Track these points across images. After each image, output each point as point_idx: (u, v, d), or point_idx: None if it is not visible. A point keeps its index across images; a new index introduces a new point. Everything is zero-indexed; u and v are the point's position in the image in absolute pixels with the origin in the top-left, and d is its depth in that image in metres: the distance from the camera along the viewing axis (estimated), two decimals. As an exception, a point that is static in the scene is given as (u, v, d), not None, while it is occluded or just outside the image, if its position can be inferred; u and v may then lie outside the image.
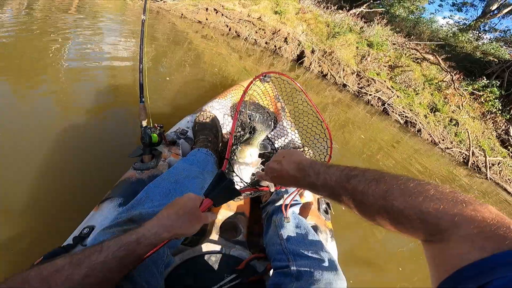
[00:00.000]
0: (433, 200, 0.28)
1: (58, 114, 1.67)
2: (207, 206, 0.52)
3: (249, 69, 4.84)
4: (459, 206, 0.27)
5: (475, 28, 11.14)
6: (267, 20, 6.22)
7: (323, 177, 0.42)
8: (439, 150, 5.17)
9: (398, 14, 10.84)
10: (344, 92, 5.60)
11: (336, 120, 4.20)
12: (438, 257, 0.27)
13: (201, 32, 6.08)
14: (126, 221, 0.58)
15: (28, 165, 1.21)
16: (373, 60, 5.73)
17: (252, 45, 6.25)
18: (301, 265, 0.65)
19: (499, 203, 4.15)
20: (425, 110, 5.51)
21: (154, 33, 4.59)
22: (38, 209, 1.06)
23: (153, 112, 1.92)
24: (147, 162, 0.93)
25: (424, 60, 6.12)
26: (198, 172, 0.82)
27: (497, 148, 5.75)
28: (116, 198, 0.77)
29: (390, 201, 0.31)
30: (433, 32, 10.49)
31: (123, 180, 0.85)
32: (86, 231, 0.66)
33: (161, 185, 0.71)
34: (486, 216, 0.25)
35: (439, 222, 0.27)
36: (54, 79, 2.05)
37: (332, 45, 5.78)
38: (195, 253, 0.73)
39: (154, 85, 2.43)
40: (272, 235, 0.79)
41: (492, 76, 6.63)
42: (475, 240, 0.24)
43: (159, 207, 0.62)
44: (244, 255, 0.77)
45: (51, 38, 2.79)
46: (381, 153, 3.62)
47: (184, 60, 3.58)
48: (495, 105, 6.02)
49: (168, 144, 1.05)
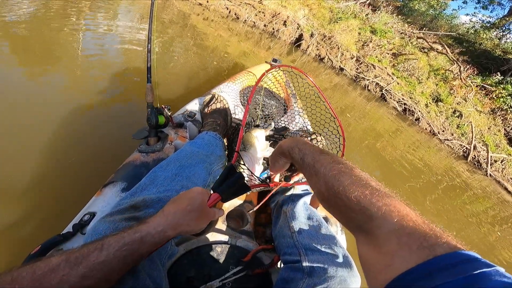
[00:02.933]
0: (373, 189, 0.30)
1: (65, 94, 1.62)
2: (215, 201, 0.49)
3: (248, 52, 4.82)
4: (386, 199, 0.28)
5: (499, 26, 10.46)
6: (268, 3, 6.16)
7: (302, 147, 0.46)
8: (438, 142, 4.89)
9: (418, 8, 10.37)
10: (341, 76, 5.44)
11: (335, 105, 4.10)
12: (371, 257, 0.28)
13: (202, 15, 6.13)
14: (128, 207, 0.54)
15: (32, 146, 1.18)
16: (375, 47, 5.51)
17: (250, 27, 6.21)
18: (313, 260, 0.61)
19: (500, 203, 3.85)
20: (427, 99, 5.23)
21: (160, 17, 4.70)
22: (40, 193, 1.02)
23: (160, 94, 1.92)
24: (152, 144, 0.88)
25: (431, 50, 5.80)
26: (206, 156, 0.77)
27: (503, 145, 5.37)
28: (119, 183, 0.73)
29: (341, 182, 0.33)
30: (452, 28, 9.94)
31: (127, 163, 0.81)
32: (87, 218, 0.63)
33: (167, 169, 0.67)
34: (409, 215, 0.26)
35: (372, 209, 0.28)
36: (65, 60, 2.06)
37: (333, 29, 5.62)
38: (200, 243, 0.70)
39: (162, 67, 2.42)
40: (282, 227, 0.75)
41: (507, 73, 6.26)
42: (401, 237, 0.24)
43: (165, 192, 0.59)
44: (251, 246, 0.74)
45: (66, 22, 2.87)
46: (378, 143, 3.48)
47: (190, 43, 3.61)
48: (507, 102, 5.68)
49: (175, 126, 1.01)
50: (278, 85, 1.40)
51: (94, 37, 2.65)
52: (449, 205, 2.87)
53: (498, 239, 2.65)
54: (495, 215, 3.31)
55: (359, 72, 5.26)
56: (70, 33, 2.53)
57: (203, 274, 0.65)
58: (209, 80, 2.54)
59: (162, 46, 3.06)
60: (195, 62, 2.95)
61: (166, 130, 0.97)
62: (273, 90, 1.44)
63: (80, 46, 2.37)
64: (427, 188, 2.95)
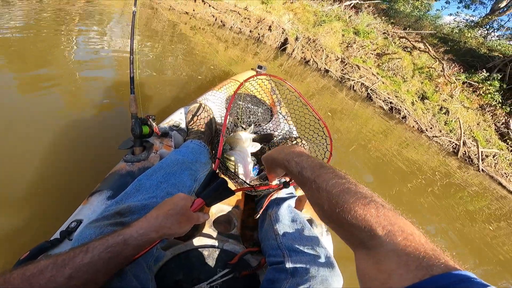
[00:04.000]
0: (378, 207, 0.30)
1: (51, 107, 1.63)
2: (199, 206, 0.51)
3: (236, 59, 4.86)
4: (391, 218, 0.29)
5: (482, 25, 10.74)
6: (253, 9, 6.25)
7: (300, 159, 0.46)
8: (427, 139, 4.90)
9: (403, 10, 10.61)
10: (327, 78, 5.48)
11: (325, 108, 4.12)
12: (369, 272, 0.28)
13: (189, 23, 6.21)
14: (113, 214, 0.56)
15: (19, 158, 1.20)
16: (359, 48, 5.59)
17: (237, 34, 6.29)
18: (296, 261, 0.64)
19: (495, 200, 3.83)
20: (413, 97, 5.27)
21: (148, 26, 4.74)
22: (27, 203, 1.05)
23: (147, 103, 1.93)
24: (138, 154, 0.90)
25: (414, 49, 5.90)
26: (191, 163, 0.80)
27: (494, 140, 5.40)
28: (105, 191, 0.75)
29: (344, 202, 0.33)
30: (436, 28, 10.15)
31: (113, 173, 0.83)
32: (74, 225, 0.65)
33: (152, 177, 0.69)
34: (413, 234, 0.27)
35: (376, 228, 0.28)
36: (55, 72, 2.07)
37: (317, 32, 5.70)
38: (187, 247, 0.72)
39: (149, 77, 2.43)
40: (267, 230, 0.77)
41: (493, 69, 6.38)
42: (401, 256, 0.25)
43: (150, 199, 0.61)
44: (238, 249, 0.76)
45: (58, 33, 2.90)
46: (370, 144, 3.47)
47: (176, 52, 3.62)
48: (494, 97, 5.78)
49: (160, 135, 1.02)
50: (263, 92, 1.44)
51: (84, 49, 2.68)
52: (445, 204, 2.84)
53: (498, 235, 2.62)
54: (493, 212, 3.28)
55: (344, 73, 5.31)
56: (59, 44, 2.56)
57: (191, 277, 0.66)
58: (198, 88, 2.54)
59: (149, 56, 3.06)
60: (183, 71, 2.95)
61: (151, 140, 0.99)
62: (259, 96, 1.47)
63: (70, 57, 2.38)
64: (422, 188, 2.92)
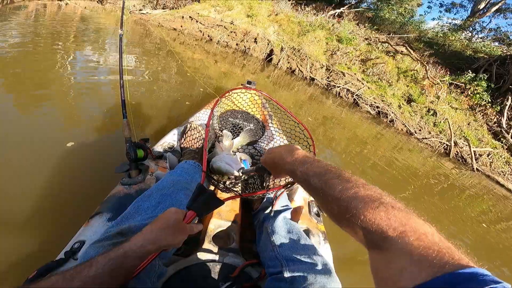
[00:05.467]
0: (388, 209, 0.30)
1: (53, 131, 1.71)
2: (191, 218, 0.55)
3: (225, 71, 4.94)
4: (402, 218, 0.29)
5: (465, 28, 11.05)
6: (239, 23, 6.42)
7: (307, 163, 0.47)
8: (417, 141, 4.90)
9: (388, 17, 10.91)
10: (313, 86, 5.54)
11: (316, 117, 4.15)
12: (381, 271, 0.29)
13: (178, 39, 6.36)
14: (115, 234, 0.60)
15: (21, 183, 1.28)
16: (343, 55, 5.70)
17: (224, 47, 6.42)
18: (294, 270, 0.66)
19: (497, 200, 3.78)
20: (399, 101, 5.32)
21: (141, 45, 4.85)
22: (30, 226, 1.12)
23: (140, 126, 1.99)
24: (134, 177, 0.94)
25: (397, 53, 6.02)
26: (186, 183, 0.83)
27: (487, 139, 5.41)
28: (105, 213, 0.79)
29: (355, 205, 0.33)
30: (421, 33, 10.41)
31: (111, 196, 0.87)
32: (77, 245, 0.69)
33: (150, 199, 0.73)
34: (426, 233, 0.27)
35: (387, 230, 0.29)
36: (52, 95, 2.15)
37: (301, 42, 5.82)
38: (188, 262, 0.74)
39: (141, 98, 2.46)
40: (265, 242, 0.80)
41: (479, 70, 6.49)
42: (413, 255, 0.25)
43: (149, 219, 0.64)
44: (238, 262, 0.78)
45: (54, 51, 3.00)
46: (365, 151, 3.50)
47: (171, 71, 3.69)
48: (483, 97, 5.83)
49: (155, 158, 1.06)
50: (255, 107, 1.45)
51: (81, 72, 2.73)
52: (446, 207, 2.80)
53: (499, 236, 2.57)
54: (495, 212, 3.24)
55: (330, 81, 5.38)
56: (55, 65, 2.62)
57: None
58: (192, 106, 2.55)
59: (142, 76, 3.10)
60: (176, 90, 2.97)
61: (146, 162, 1.02)
62: (251, 112, 1.47)
63: (67, 78, 2.44)
64: (420, 194, 2.90)
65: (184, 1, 7.97)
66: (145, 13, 7.41)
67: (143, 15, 7.38)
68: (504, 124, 5.70)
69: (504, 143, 5.41)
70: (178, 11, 7.07)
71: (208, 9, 6.91)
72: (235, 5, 6.82)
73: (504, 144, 5.40)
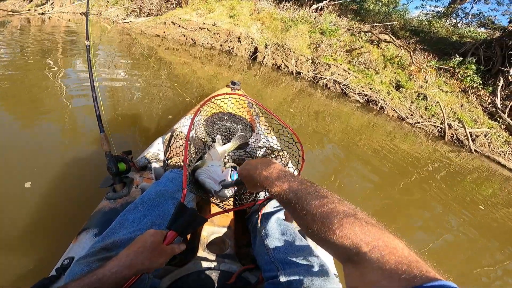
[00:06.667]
0: (362, 225, 0.31)
1: (40, 147, 1.70)
2: (173, 239, 0.53)
3: (213, 74, 4.89)
4: (375, 233, 0.30)
5: (448, 14, 11.13)
6: (221, 24, 6.39)
7: (283, 180, 0.46)
8: (410, 126, 4.83)
9: (372, 8, 10.98)
10: (300, 80, 5.49)
11: (308, 110, 4.10)
12: (356, 285, 0.30)
13: (163, 45, 6.31)
14: (99, 250, 0.59)
15: (9, 204, 1.29)
16: (327, 46, 5.66)
17: (208, 49, 6.38)
18: (290, 273, 0.64)
19: (504, 181, 3.68)
20: (388, 87, 5.27)
21: (120, 52, 4.81)
22: (24, 245, 1.14)
23: (122, 139, 1.96)
24: (119, 191, 0.93)
25: (381, 41, 5.99)
26: (173, 193, 0.81)
27: (482, 120, 5.34)
28: (91, 229, 0.80)
29: (328, 220, 0.34)
30: (406, 22, 10.45)
31: (97, 211, 0.88)
32: (67, 262, 0.69)
33: (135, 211, 0.71)
34: (397, 248, 0.28)
35: (361, 245, 0.30)
36: (39, 109, 2.14)
37: (285, 37, 5.79)
38: (184, 272, 0.72)
39: (122, 110, 2.42)
40: (259, 246, 0.78)
41: (467, 54, 6.50)
42: (385, 269, 0.26)
43: (135, 232, 0.63)
44: (235, 268, 0.77)
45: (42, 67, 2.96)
46: (360, 142, 3.42)
47: (158, 78, 3.62)
48: (474, 79, 5.83)
49: (138, 170, 1.04)
50: (241, 108, 1.42)
51: (68, 83, 2.72)
52: (452, 193, 2.73)
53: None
54: (501, 195, 3.15)
55: (316, 73, 5.33)
56: (43, 80, 2.61)
57: None
58: (175, 114, 2.49)
59: (123, 88, 3.03)
60: (159, 99, 2.90)
61: (131, 175, 1.00)
62: (237, 114, 1.45)
63: (57, 93, 2.44)
64: (422, 181, 2.82)
65: (167, 8, 7.96)
66: (128, 22, 7.39)
67: (125, 24, 7.36)
68: (499, 104, 5.65)
69: (501, 122, 5.34)
70: (160, 18, 7.05)
71: (190, 13, 6.89)
72: (216, 7, 6.81)
73: (502, 124, 5.33)
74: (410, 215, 2.19)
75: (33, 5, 9.24)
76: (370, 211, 2.11)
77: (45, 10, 8.77)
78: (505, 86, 5.88)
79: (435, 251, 1.80)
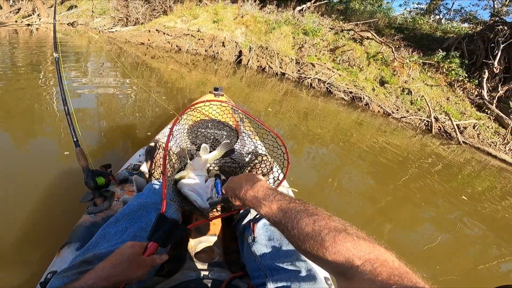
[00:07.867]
0: (354, 240, 0.32)
1: (21, 163, 1.71)
2: (154, 250, 0.54)
3: (201, 80, 4.88)
4: (366, 247, 0.31)
5: (431, 11, 11.39)
6: (205, 30, 6.42)
7: (272, 198, 0.46)
8: (396, 121, 4.84)
9: (358, 8, 11.19)
10: (285, 81, 5.50)
11: (297, 111, 4.09)
12: None
13: (149, 53, 6.31)
14: (80, 263, 0.59)
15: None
16: (311, 46, 5.70)
17: (193, 55, 6.39)
18: (277, 280, 0.64)
19: (499, 171, 3.67)
20: (373, 84, 5.30)
21: (106, 61, 4.79)
22: (5, 261, 1.14)
23: (103, 153, 1.95)
24: (99, 204, 0.93)
25: (363, 39, 6.06)
26: (155, 203, 0.80)
27: (470, 112, 5.37)
28: (73, 243, 0.80)
29: (320, 238, 0.34)
30: (390, 20, 10.65)
31: (78, 225, 0.88)
32: (50, 276, 0.69)
33: (117, 224, 0.71)
34: (387, 260, 0.30)
35: (353, 260, 0.31)
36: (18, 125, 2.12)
37: (268, 39, 5.82)
38: (173, 283, 0.72)
39: (101, 124, 2.41)
40: (247, 252, 0.79)
41: (450, 48, 6.61)
42: (376, 282, 0.27)
43: (116, 245, 0.63)
44: (224, 276, 0.77)
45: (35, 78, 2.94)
46: (350, 138, 3.43)
47: (148, 87, 3.59)
48: (459, 73, 5.91)
49: (119, 183, 1.04)
50: (225, 114, 1.41)
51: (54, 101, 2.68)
52: (448, 188, 2.71)
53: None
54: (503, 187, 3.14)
55: (301, 73, 5.35)
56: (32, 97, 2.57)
57: None
58: (157, 125, 2.45)
59: (101, 100, 2.98)
60: (139, 110, 2.87)
61: (111, 188, 1.00)
62: (222, 119, 1.44)
63: (49, 105, 2.43)
64: (418, 176, 2.80)
65: (153, 16, 7.99)
66: (113, 31, 7.39)
67: (111, 33, 7.36)
68: (486, 96, 5.71)
69: (489, 114, 5.37)
70: (145, 26, 7.06)
71: (174, 20, 6.92)
72: (200, 13, 6.85)
73: (490, 115, 5.36)
74: (408, 212, 2.18)
75: (20, 16, 9.24)
76: (367, 209, 2.04)
77: (32, 21, 8.77)
78: (491, 78, 5.96)
79: (441, 246, 1.79)
